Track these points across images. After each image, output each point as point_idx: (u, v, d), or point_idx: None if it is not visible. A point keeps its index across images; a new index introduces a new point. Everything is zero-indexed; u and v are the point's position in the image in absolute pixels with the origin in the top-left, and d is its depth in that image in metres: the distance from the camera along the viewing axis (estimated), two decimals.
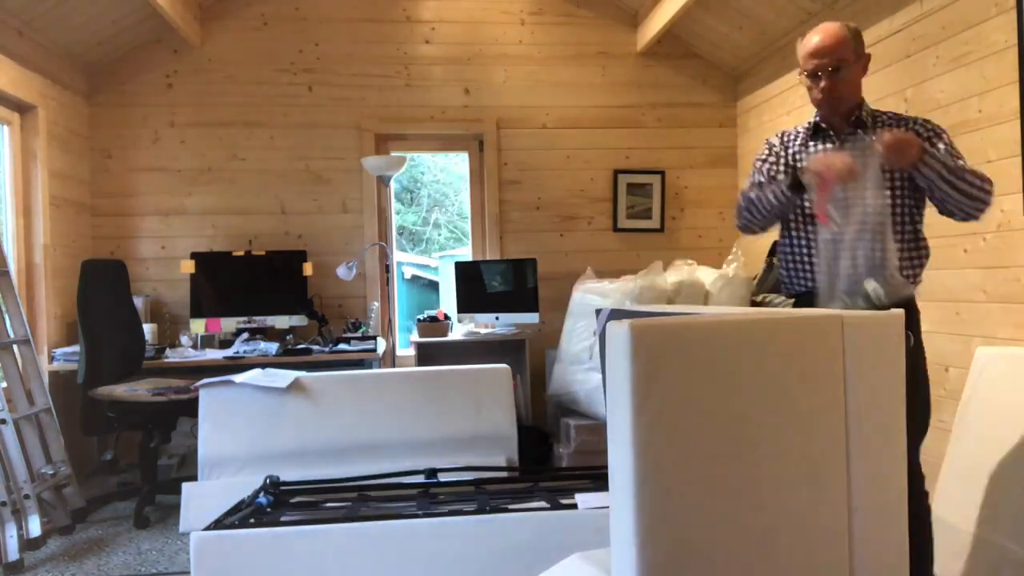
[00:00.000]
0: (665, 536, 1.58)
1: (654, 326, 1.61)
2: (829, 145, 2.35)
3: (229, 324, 4.67)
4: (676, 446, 1.61)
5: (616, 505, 1.61)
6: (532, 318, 4.61)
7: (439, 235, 11.53)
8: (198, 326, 4.64)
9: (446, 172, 11.38)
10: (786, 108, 4.56)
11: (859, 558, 1.68)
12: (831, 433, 1.68)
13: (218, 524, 2.41)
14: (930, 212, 3.11)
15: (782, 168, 2.43)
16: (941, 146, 2.24)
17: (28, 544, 3.23)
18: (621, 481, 1.61)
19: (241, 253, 4.77)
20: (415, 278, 10.47)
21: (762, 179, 2.44)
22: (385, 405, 3.36)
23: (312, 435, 3.30)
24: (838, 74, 2.24)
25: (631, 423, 1.63)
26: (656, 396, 1.61)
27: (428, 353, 4.73)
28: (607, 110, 5.16)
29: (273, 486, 2.85)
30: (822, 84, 2.27)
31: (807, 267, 2.36)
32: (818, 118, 2.40)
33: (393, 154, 5.09)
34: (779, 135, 2.52)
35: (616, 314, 2.04)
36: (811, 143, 2.41)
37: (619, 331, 1.63)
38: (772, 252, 4.36)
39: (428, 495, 2.84)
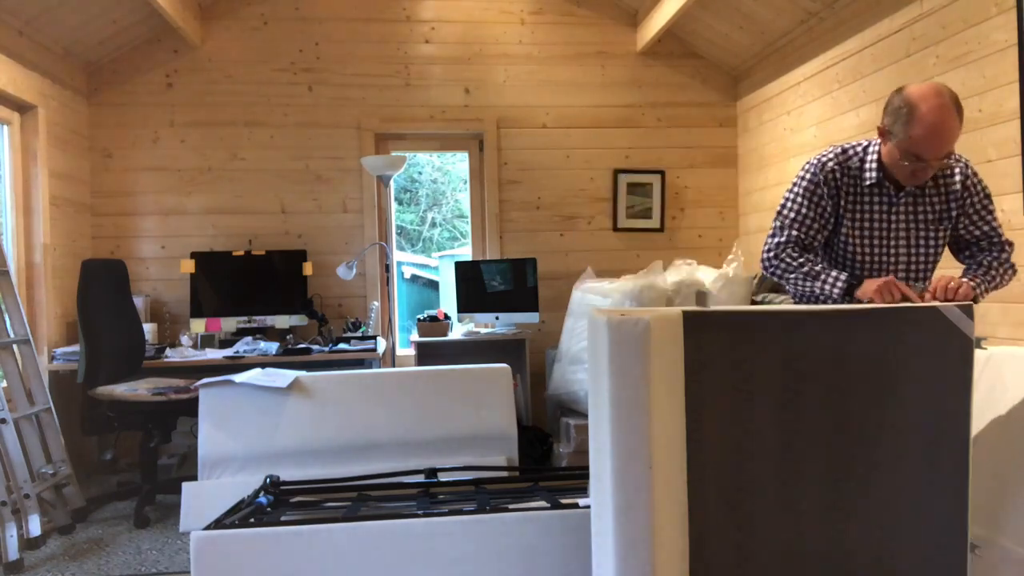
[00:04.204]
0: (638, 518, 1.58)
1: (630, 319, 1.61)
2: (879, 202, 2.28)
3: (229, 324, 4.67)
4: (652, 435, 1.61)
5: (595, 481, 1.61)
6: (532, 318, 4.61)
7: (436, 234, 11.53)
8: (198, 326, 4.64)
9: (443, 172, 11.39)
10: (786, 108, 4.56)
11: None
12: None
13: (218, 524, 2.41)
14: None
15: (828, 205, 2.29)
16: (993, 211, 2.35)
17: (28, 544, 3.23)
18: (600, 464, 1.61)
19: (241, 253, 4.77)
20: (415, 278, 10.48)
21: (802, 219, 2.28)
22: (385, 405, 3.35)
23: (312, 435, 3.30)
24: (947, 158, 2.16)
25: (609, 414, 1.63)
26: (632, 387, 1.61)
27: (428, 353, 4.73)
28: (607, 109, 5.16)
29: (273, 486, 2.85)
30: (929, 172, 2.18)
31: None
32: (882, 175, 2.26)
33: (393, 154, 5.09)
34: (833, 166, 2.29)
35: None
36: (876, 193, 2.28)
37: (600, 322, 1.63)
38: None
39: (428, 495, 2.84)
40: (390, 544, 2.30)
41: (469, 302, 4.81)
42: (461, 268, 4.85)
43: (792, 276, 2.27)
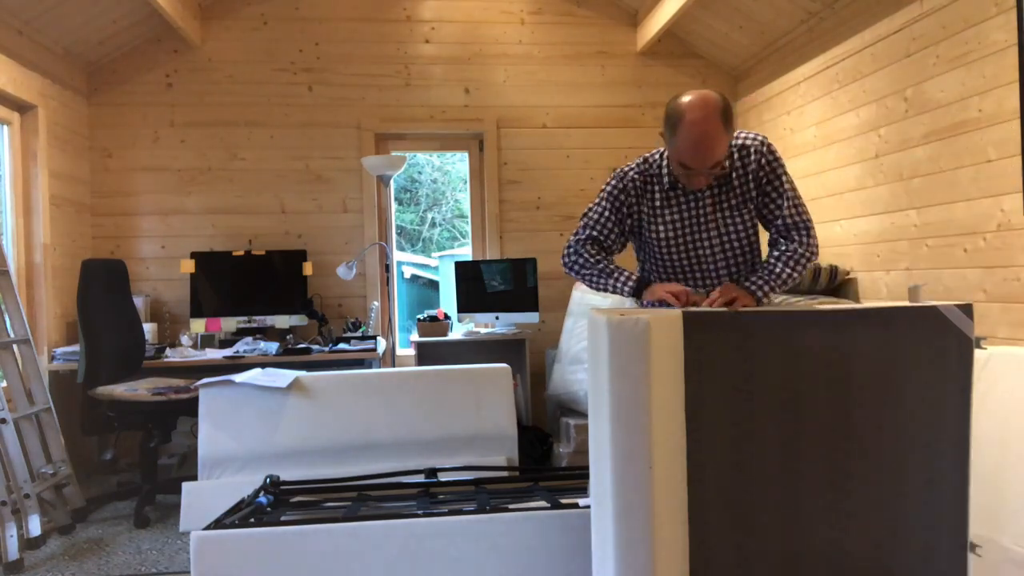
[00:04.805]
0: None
1: (630, 319, 1.61)
2: (685, 201, 2.33)
3: (229, 324, 4.67)
4: (653, 434, 1.61)
5: (595, 481, 1.61)
6: (532, 318, 4.61)
7: (436, 234, 11.54)
8: (198, 326, 4.64)
9: (443, 172, 11.39)
10: (786, 108, 4.56)
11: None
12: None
13: (218, 524, 2.41)
14: (925, 211, 3.10)
15: (629, 212, 2.37)
16: (784, 192, 2.28)
17: (28, 544, 3.23)
18: (600, 460, 1.61)
19: (241, 253, 4.77)
20: (415, 277, 10.48)
21: (603, 222, 2.38)
22: (385, 405, 3.36)
23: (312, 435, 3.30)
24: (718, 167, 2.16)
25: (608, 412, 1.63)
26: (631, 387, 1.61)
27: (428, 353, 4.74)
28: (607, 109, 5.16)
29: (273, 486, 2.85)
30: (702, 179, 2.19)
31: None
32: (675, 179, 2.30)
33: (393, 153, 5.09)
34: (634, 175, 2.36)
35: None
36: (679, 192, 2.32)
37: (599, 322, 1.63)
38: None
39: (428, 495, 2.84)
40: (390, 544, 2.30)
41: (469, 302, 4.81)
42: (461, 268, 4.85)
43: (587, 272, 2.39)
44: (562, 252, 2.44)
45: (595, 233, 2.42)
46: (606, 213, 2.40)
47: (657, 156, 2.38)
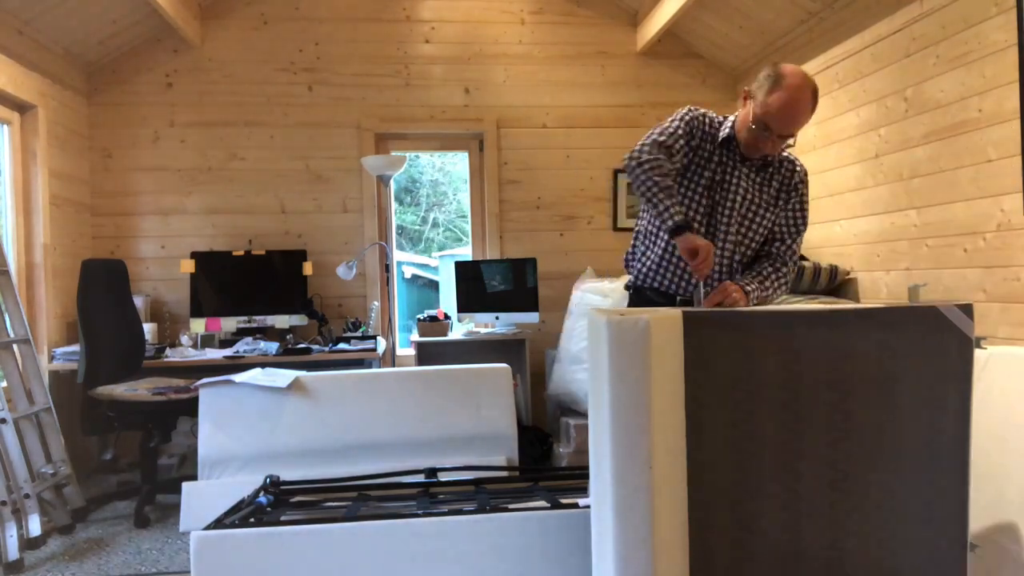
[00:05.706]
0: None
1: (630, 319, 1.61)
2: (731, 162, 2.38)
3: (229, 324, 4.67)
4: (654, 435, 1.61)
5: (595, 481, 1.61)
6: (532, 318, 4.61)
7: (437, 234, 11.54)
8: (198, 326, 4.64)
9: (444, 172, 11.39)
10: None
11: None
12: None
13: (218, 524, 2.41)
14: (925, 211, 3.10)
15: (688, 146, 2.36)
16: (801, 228, 2.43)
17: (28, 543, 3.23)
18: (600, 460, 1.61)
19: (241, 253, 4.77)
20: (415, 277, 10.48)
21: (676, 138, 2.34)
22: (385, 405, 3.35)
23: (312, 435, 3.30)
24: (788, 139, 2.27)
25: (608, 414, 1.63)
26: (631, 387, 1.61)
27: (428, 353, 4.73)
28: (607, 109, 5.16)
29: (273, 486, 2.85)
30: (770, 146, 2.28)
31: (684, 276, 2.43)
32: (734, 140, 2.36)
33: (393, 153, 5.09)
34: (703, 122, 2.40)
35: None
36: (725, 154, 2.38)
37: (599, 323, 1.63)
38: None
39: (428, 494, 2.84)
40: (390, 544, 2.30)
41: (469, 302, 4.81)
42: (461, 268, 4.85)
43: (655, 175, 2.21)
44: (629, 154, 2.29)
45: (668, 143, 2.31)
46: (678, 132, 2.35)
47: (722, 118, 2.41)
